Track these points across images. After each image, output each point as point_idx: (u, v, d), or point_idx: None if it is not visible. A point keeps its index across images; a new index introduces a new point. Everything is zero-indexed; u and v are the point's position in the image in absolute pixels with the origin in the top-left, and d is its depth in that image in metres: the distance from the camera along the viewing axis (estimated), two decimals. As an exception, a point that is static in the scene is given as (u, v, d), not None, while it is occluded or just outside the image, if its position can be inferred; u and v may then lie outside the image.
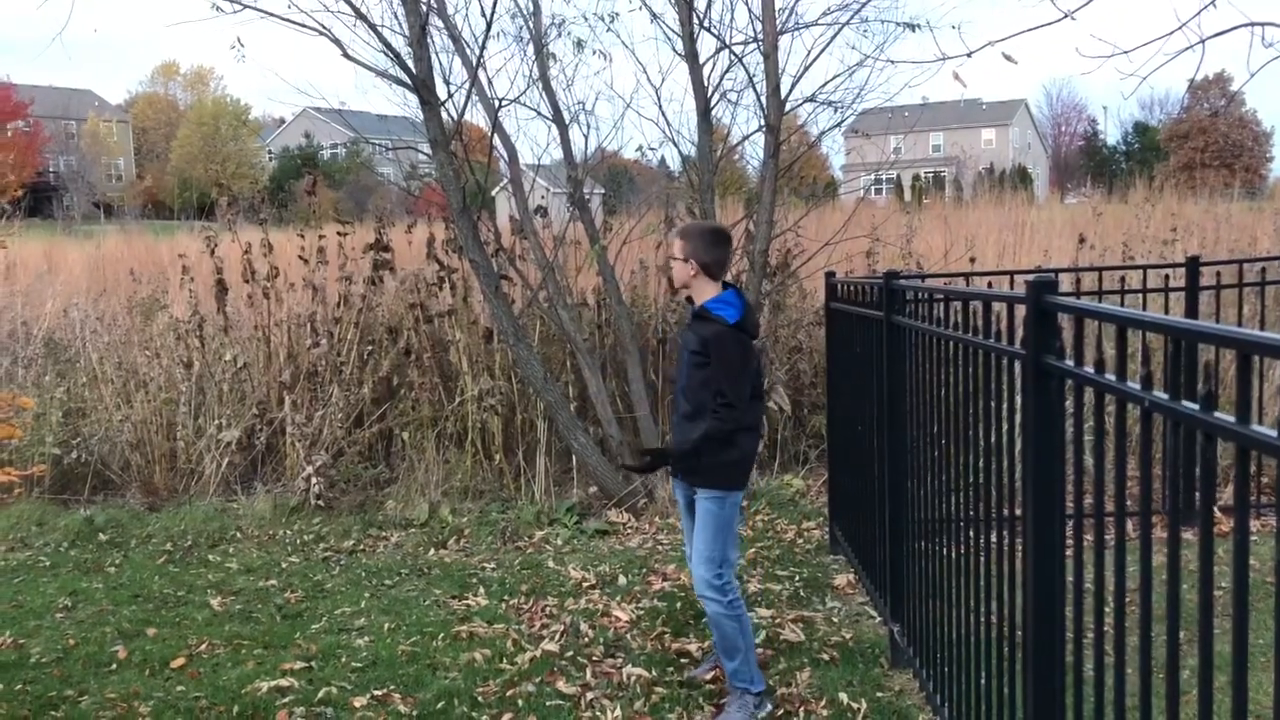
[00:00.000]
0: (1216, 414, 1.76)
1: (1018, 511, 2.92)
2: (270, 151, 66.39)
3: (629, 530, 6.76)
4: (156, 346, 8.62)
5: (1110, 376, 2.23)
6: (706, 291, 4.01)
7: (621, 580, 5.70)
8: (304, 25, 6.57)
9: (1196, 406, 1.82)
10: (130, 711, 4.27)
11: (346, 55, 6.74)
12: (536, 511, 7.04)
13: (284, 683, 4.49)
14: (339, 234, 8.70)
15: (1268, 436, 1.57)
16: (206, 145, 63.67)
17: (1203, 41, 5.28)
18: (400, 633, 5.09)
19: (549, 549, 6.48)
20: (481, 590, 5.68)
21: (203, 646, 4.98)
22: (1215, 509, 1.92)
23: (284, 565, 6.34)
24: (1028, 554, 2.76)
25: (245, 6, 6.67)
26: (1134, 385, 2.07)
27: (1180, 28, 5.21)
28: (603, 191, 11.13)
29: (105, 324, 9.41)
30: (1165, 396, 1.94)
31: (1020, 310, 2.75)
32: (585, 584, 5.68)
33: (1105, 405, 2.34)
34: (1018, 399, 2.89)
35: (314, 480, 7.40)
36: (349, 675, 4.59)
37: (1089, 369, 2.34)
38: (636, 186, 13.86)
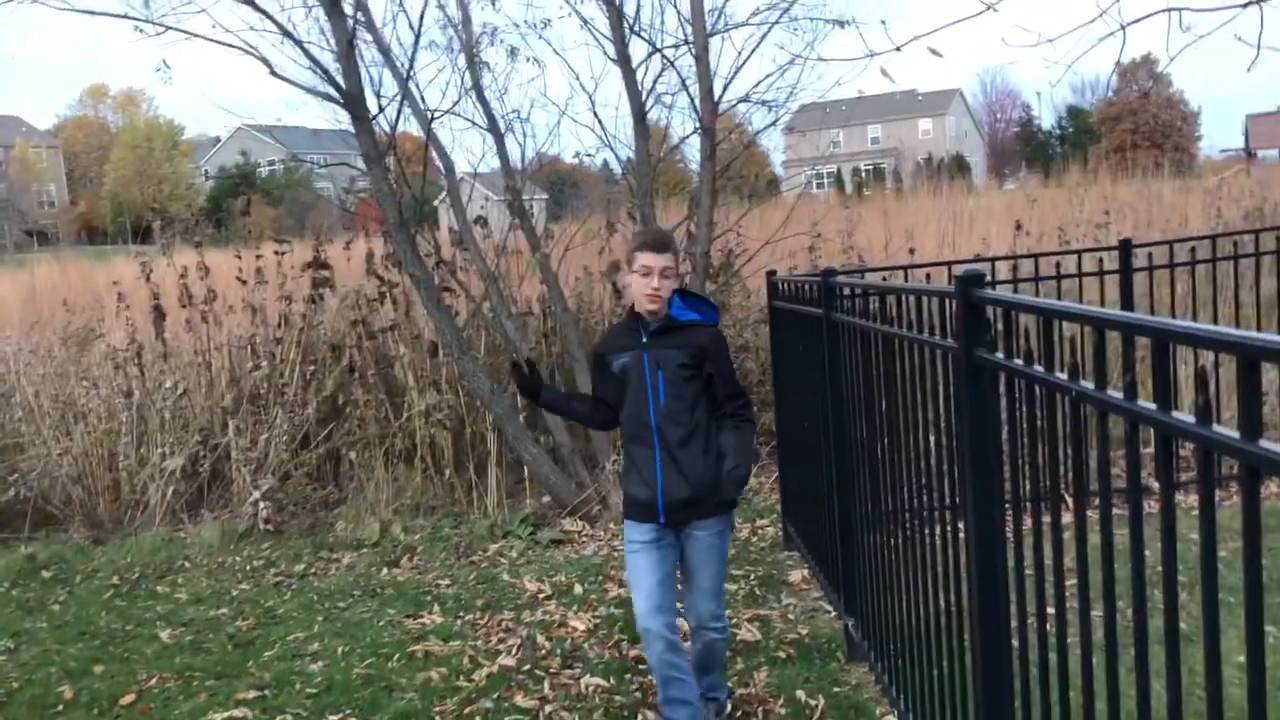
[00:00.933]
0: (1140, 402, 1.79)
1: (958, 499, 2.96)
2: (206, 171, 65.52)
3: (584, 538, 6.75)
4: (94, 377, 8.45)
5: (1039, 368, 2.26)
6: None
7: (578, 589, 5.68)
8: (230, 45, 6.49)
9: (1120, 396, 1.85)
10: (79, 753, 4.18)
11: (274, 74, 6.67)
12: (490, 525, 7.00)
13: (238, 713, 4.42)
14: (277, 253, 8.60)
15: (1187, 424, 1.61)
16: (140, 167, 62.72)
17: (1123, 28, 5.39)
18: (355, 655, 5.03)
19: (504, 562, 6.45)
20: (436, 608, 5.64)
21: (153, 681, 4.89)
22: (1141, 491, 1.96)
23: (234, 593, 6.24)
24: (969, 542, 2.79)
25: (168, 28, 6.58)
26: (1062, 376, 2.11)
27: (1100, 15, 5.31)
28: (545, 198, 11.11)
29: (40, 356, 9.21)
30: (1091, 386, 1.97)
31: (952, 304, 2.78)
32: (541, 595, 5.66)
33: (1038, 394, 2.37)
34: (953, 391, 2.93)
35: (261, 505, 7.30)
36: (304, 702, 4.53)
37: (1019, 361, 2.37)
38: (580, 192, 13.85)
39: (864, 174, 38.64)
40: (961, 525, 2.90)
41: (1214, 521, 1.64)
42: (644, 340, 3.63)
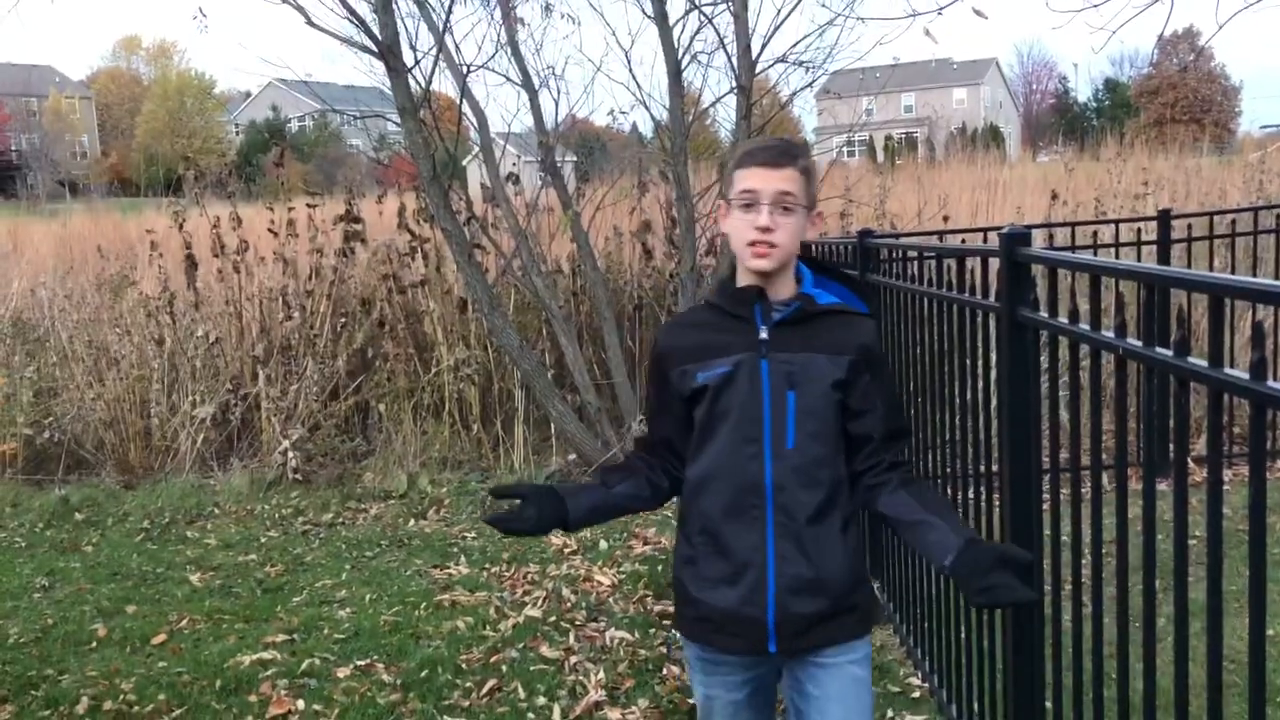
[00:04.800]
0: (1190, 359, 1.77)
1: (995, 467, 2.94)
2: (237, 125, 65.65)
3: (609, 496, 6.76)
4: (127, 324, 8.52)
5: (1084, 326, 2.23)
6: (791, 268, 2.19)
7: (603, 545, 5.71)
8: (267, -7, 6.46)
9: (1170, 352, 1.82)
10: (112, 689, 4.25)
11: (311, 23, 6.64)
12: (515, 480, 7.03)
13: (266, 655, 4.48)
14: (309, 206, 8.61)
15: (1241, 380, 1.58)
16: (172, 120, 62.89)
17: (1172, -7, 5.29)
18: (382, 603, 5.08)
19: (529, 517, 6.46)
20: (463, 559, 5.68)
21: (183, 622, 4.96)
22: (1189, 459, 1.93)
23: (263, 540, 6.31)
24: (1004, 508, 2.78)
25: (206, -25, 6.55)
26: (1108, 334, 2.08)
27: (1149, -20, 5.21)
28: (574, 159, 11.07)
29: (74, 302, 9.29)
30: (1139, 344, 1.94)
31: (994, 265, 2.75)
32: (566, 550, 5.69)
33: (1080, 359, 2.34)
34: (993, 354, 2.90)
35: (290, 454, 7.36)
36: (331, 647, 4.58)
37: (1063, 320, 2.34)
38: (609, 154, 13.78)
39: (897, 142, 38.29)
40: (997, 490, 2.88)
41: (1264, 482, 1.61)
42: (761, 336, 2.13)
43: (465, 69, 7.26)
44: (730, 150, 7.25)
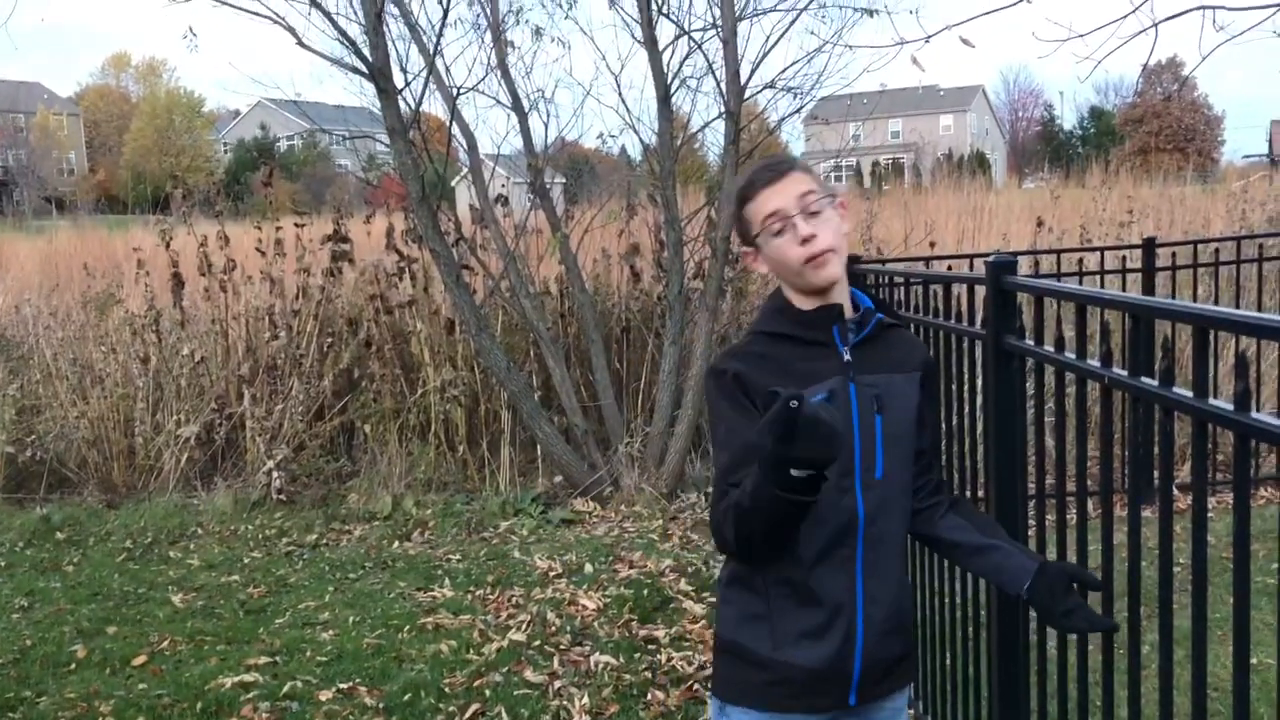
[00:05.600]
0: (1175, 389, 1.78)
1: (980, 493, 2.95)
2: (225, 144, 65.65)
3: (594, 519, 6.75)
4: (112, 342, 8.48)
5: (1070, 355, 2.24)
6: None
7: (588, 569, 5.69)
8: (258, 13, 6.49)
9: (1155, 382, 1.83)
10: (90, 711, 4.21)
11: (301, 44, 6.67)
12: (501, 502, 7.01)
13: (248, 678, 4.44)
14: (296, 225, 8.61)
15: (1225, 411, 1.59)
16: (160, 138, 62.87)
17: (1156, 25, 5.34)
18: (365, 626, 5.05)
19: (514, 539, 6.45)
20: (447, 582, 5.65)
21: (164, 643, 4.92)
22: (1174, 487, 1.94)
23: (246, 560, 6.27)
24: (991, 534, 2.78)
25: (197, -5, 6.57)
26: (1094, 363, 2.09)
27: (1134, 11, 5.27)
28: (563, 181, 11.10)
29: (59, 320, 9.25)
30: (1124, 373, 1.95)
31: (981, 291, 2.76)
32: (551, 573, 5.67)
33: (1066, 385, 2.36)
34: (979, 380, 2.91)
35: (275, 474, 7.33)
36: (314, 669, 4.55)
37: (1049, 348, 2.35)
38: (597, 176, 13.83)
39: (884, 168, 38.51)
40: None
41: (1248, 510, 1.62)
42: (845, 359, 1.96)
43: (455, 91, 7.29)
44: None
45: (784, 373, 1.89)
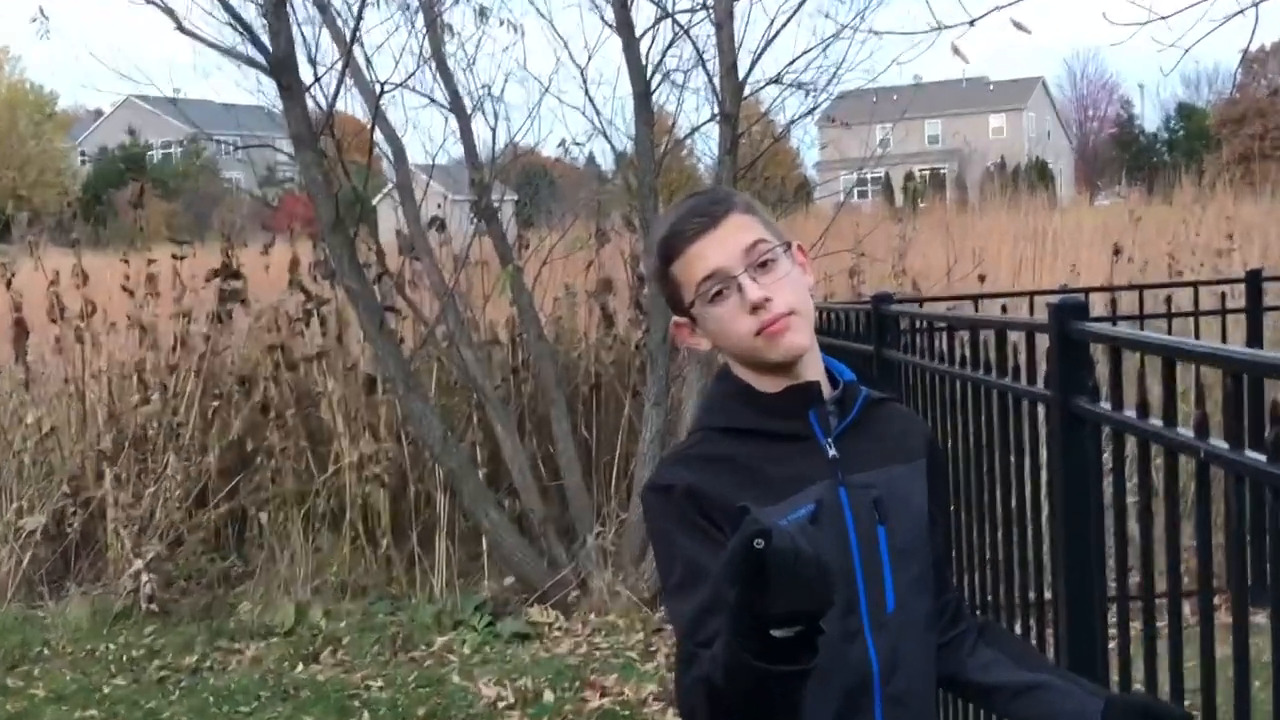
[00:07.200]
0: (1288, 465, 1.80)
1: (1047, 595, 2.96)
2: (84, 153, 65.69)
3: (556, 632, 6.73)
4: (-69, 409, 8.43)
5: (1157, 422, 2.26)
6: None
7: (548, 697, 5.67)
8: (128, -9, 6.55)
9: (1264, 457, 1.86)
10: None
11: (182, 29, 6.72)
12: (436, 611, 6.99)
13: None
14: (174, 257, 8.63)
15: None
16: (2, 145, 62.84)
17: (1256, 4, 5.48)
18: (261, 774, 5.00)
19: (453, 660, 6.43)
20: (366, 716, 5.62)
21: (-2, 802, 4.85)
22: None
23: (107, 690, 6.22)
24: (1060, 645, 2.79)
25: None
26: (1186, 432, 2.11)
27: (1228, -13, 5.40)
28: (515, 199, 11.17)
29: None
30: (1225, 446, 1.98)
31: (1042, 340, 2.79)
32: (501, 704, 5.65)
33: (1152, 458, 2.38)
34: (1043, 453, 2.93)
35: (145, 578, 7.27)
36: (193, 833, 4.49)
37: (1130, 413, 2.37)
38: (559, 192, 13.92)
39: (919, 180, 38.99)
40: (1051, 623, 2.90)
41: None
42: (831, 454, 1.86)
43: (379, 87, 7.36)
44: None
45: (753, 482, 1.78)
